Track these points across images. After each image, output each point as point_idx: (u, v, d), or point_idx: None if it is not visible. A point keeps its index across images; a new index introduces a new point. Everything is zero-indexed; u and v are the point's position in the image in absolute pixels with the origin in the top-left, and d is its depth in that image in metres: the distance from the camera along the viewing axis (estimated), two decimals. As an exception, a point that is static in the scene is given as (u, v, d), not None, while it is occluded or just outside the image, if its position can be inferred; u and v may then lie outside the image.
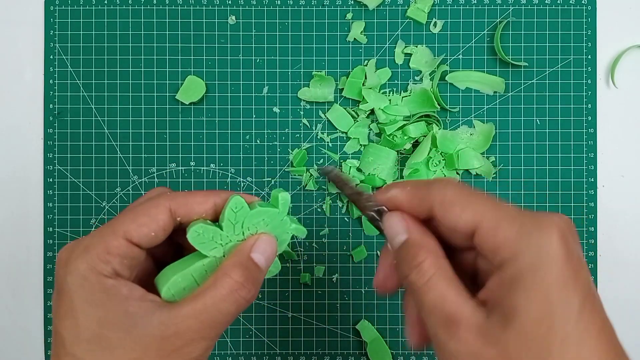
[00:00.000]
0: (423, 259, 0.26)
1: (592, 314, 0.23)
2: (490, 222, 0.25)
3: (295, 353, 0.50)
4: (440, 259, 0.26)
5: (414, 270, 0.26)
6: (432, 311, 0.25)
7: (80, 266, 0.27)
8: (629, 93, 0.51)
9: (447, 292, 0.25)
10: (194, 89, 0.50)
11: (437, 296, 0.25)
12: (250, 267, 0.29)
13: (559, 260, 0.23)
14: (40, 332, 0.51)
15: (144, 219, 0.28)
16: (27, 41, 0.51)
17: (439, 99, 0.50)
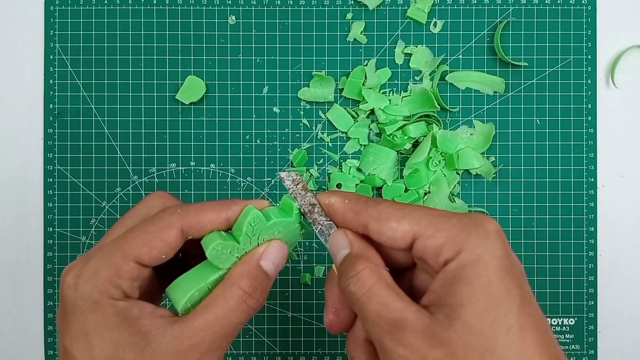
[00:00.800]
0: (362, 268, 0.26)
1: (531, 307, 0.24)
2: (428, 227, 0.25)
3: (295, 353, 0.50)
4: (380, 268, 0.27)
5: (353, 280, 0.26)
6: (375, 320, 0.25)
7: (91, 291, 0.26)
8: (629, 93, 0.51)
9: (389, 299, 0.25)
10: (194, 89, 0.50)
11: (379, 304, 0.25)
12: (258, 275, 0.28)
13: (498, 253, 0.24)
14: (40, 332, 0.51)
15: (156, 242, 0.27)
16: (27, 41, 0.51)
17: (439, 99, 0.50)
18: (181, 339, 0.26)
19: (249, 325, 0.50)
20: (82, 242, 0.51)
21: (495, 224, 0.25)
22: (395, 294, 0.26)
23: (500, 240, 0.25)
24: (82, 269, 0.27)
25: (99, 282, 0.26)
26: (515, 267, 0.25)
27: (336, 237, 0.28)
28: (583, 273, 0.50)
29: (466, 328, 0.23)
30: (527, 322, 0.24)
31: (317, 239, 0.51)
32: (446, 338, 0.23)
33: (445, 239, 0.25)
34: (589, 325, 0.50)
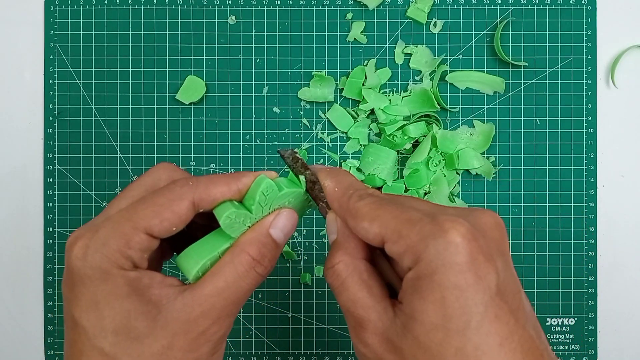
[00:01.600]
0: (338, 261, 0.27)
1: (496, 322, 0.22)
2: (394, 232, 0.25)
3: (295, 353, 0.50)
4: (356, 261, 0.27)
5: (329, 272, 0.27)
6: (345, 312, 0.27)
7: (100, 261, 0.26)
8: (629, 93, 0.51)
9: (358, 295, 0.26)
10: (194, 89, 0.50)
11: (349, 299, 0.26)
12: (267, 243, 0.28)
13: (457, 266, 0.23)
14: (40, 332, 0.51)
15: (167, 214, 0.27)
16: (27, 41, 0.51)
17: (439, 99, 0.50)
18: (192, 306, 0.26)
19: (249, 325, 0.50)
20: (82, 242, 0.51)
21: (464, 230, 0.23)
22: (365, 290, 0.26)
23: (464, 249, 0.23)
24: (90, 239, 0.26)
25: (108, 253, 0.26)
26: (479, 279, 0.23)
27: (329, 219, 0.29)
28: (583, 273, 0.50)
29: (416, 342, 0.23)
30: (485, 340, 0.22)
31: (317, 239, 0.51)
32: (399, 346, 0.24)
33: (406, 247, 0.24)
34: (589, 325, 0.50)
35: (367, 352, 0.25)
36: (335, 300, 0.50)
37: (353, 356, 0.50)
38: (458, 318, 0.22)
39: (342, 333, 0.50)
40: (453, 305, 0.22)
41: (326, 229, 0.29)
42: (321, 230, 0.51)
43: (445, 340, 0.22)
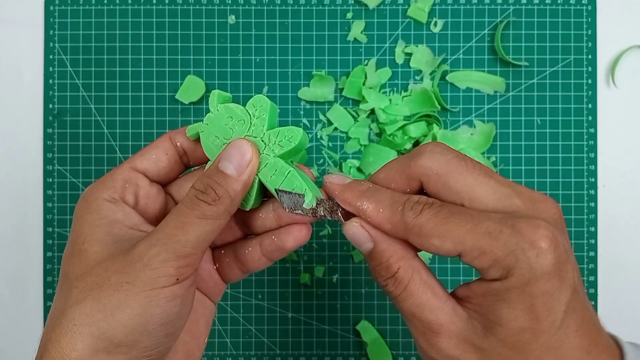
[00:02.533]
0: (397, 267, 0.26)
1: (574, 312, 0.24)
2: (473, 249, 0.24)
3: (295, 354, 0.50)
4: (413, 261, 0.26)
5: (390, 282, 0.26)
6: (411, 319, 0.26)
7: (87, 192, 0.29)
8: (629, 93, 0.51)
9: (423, 298, 0.25)
10: (193, 89, 0.50)
11: (415, 305, 0.25)
12: (213, 174, 0.27)
13: (546, 275, 0.23)
14: (40, 332, 0.51)
15: (147, 149, 0.30)
16: (27, 41, 0.51)
17: (439, 98, 0.50)
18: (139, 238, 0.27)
19: (249, 326, 0.50)
20: (81, 242, 0.51)
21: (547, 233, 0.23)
22: (429, 292, 0.25)
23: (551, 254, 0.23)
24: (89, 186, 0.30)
25: (96, 185, 0.29)
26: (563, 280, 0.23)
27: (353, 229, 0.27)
28: (583, 273, 0.50)
29: (500, 343, 0.24)
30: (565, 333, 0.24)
31: (317, 239, 0.51)
32: (480, 347, 0.24)
33: (492, 262, 0.24)
34: (589, 325, 0.50)
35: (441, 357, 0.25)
36: (335, 300, 0.50)
37: (353, 357, 0.50)
38: (545, 320, 0.23)
39: (342, 333, 0.50)
40: (541, 309, 0.23)
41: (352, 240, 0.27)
42: (321, 230, 0.50)
43: (533, 339, 0.23)
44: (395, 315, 0.50)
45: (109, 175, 0.30)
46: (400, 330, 0.50)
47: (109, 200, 0.28)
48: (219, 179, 0.27)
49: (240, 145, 0.28)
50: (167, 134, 0.31)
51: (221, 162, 0.27)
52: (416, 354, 0.50)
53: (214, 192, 0.27)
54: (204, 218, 0.26)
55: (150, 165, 0.30)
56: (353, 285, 0.50)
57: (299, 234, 0.30)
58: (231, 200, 0.27)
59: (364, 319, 0.50)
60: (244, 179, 0.27)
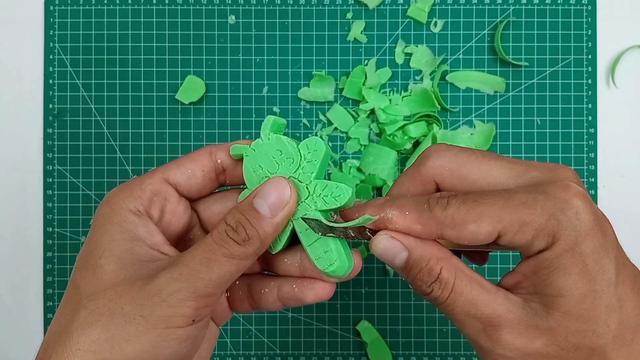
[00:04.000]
0: (439, 269, 0.25)
1: (625, 269, 0.24)
2: (513, 223, 0.23)
3: (295, 353, 0.50)
4: (452, 260, 0.26)
5: (435, 286, 0.25)
6: (466, 320, 0.25)
7: (112, 197, 0.27)
8: (629, 93, 0.51)
9: (475, 296, 0.24)
10: (193, 89, 0.50)
11: (467, 303, 0.24)
12: (245, 210, 0.26)
13: (590, 231, 0.23)
14: (40, 332, 0.51)
15: (183, 160, 0.28)
16: (27, 41, 0.51)
17: (439, 98, 0.50)
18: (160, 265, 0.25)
19: (249, 326, 0.50)
20: (81, 242, 0.51)
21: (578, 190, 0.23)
22: (478, 287, 0.25)
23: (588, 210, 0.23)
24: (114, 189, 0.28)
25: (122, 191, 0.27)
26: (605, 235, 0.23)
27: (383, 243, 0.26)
28: (583, 273, 0.50)
29: (565, 316, 0.23)
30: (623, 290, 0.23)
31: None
32: (546, 327, 0.23)
33: (535, 231, 0.23)
34: (590, 325, 0.50)
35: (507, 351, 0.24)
36: (335, 300, 0.50)
37: (353, 357, 0.50)
38: (601, 278, 0.23)
39: (342, 334, 0.50)
40: (595, 268, 0.23)
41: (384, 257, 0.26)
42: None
43: (595, 303, 0.23)
44: (395, 315, 0.50)
45: (137, 181, 0.27)
46: (400, 330, 0.50)
47: (134, 212, 0.27)
48: (251, 218, 0.25)
49: (280, 185, 0.26)
50: (207, 148, 0.29)
51: (256, 199, 0.26)
52: (416, 353, 0.50)
53: (245, 231, 0.25)
54: (230, 257, 0.25)
55: (183, 180, 0.28)
56: (353, 285, 0.50)
57: (322, 292, 0.28)
58: (261, 242, 0.26)
59: (364, 319, 0.50)
60: (276, 221, 0.26)
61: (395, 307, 0.50)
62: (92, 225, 0.27)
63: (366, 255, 0.50)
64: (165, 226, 0.28)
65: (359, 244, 0.50)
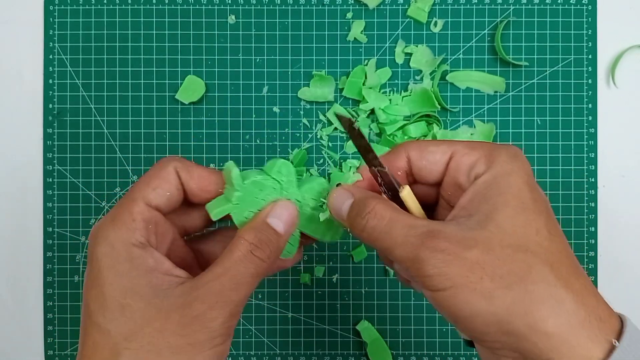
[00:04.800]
0: (375, 203, 0.27)
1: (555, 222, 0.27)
2: (464, 147, 0.28)
3: (295, 353, 0.50)
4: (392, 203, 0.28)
5: (371, 215, 0.27)
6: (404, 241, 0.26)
7: (109, 235, 0.27)
8: (629, 93, 0.51)
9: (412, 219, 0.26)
10: (193, 89, 0.50)
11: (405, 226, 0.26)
12: (264, 229, 0.29)
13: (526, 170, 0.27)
14: (40, 332, 0.51)
15: (156, 181, 0.29)
16: (27, 41, 0.51)
17: (439, 98, 0.50)
18: (189, 291, 0.27)
19: (248, 326, 0.50)
20: (81, 242, 0.51)
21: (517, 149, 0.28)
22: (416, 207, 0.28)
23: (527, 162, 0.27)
24: (103, 219, 0.28)
25: (115, 226, 0.27)
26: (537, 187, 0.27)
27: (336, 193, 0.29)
28: (583, 273, 0.50)
29: (499, 228, 0.25)
30: (554, 228, 0.26)
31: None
32: (481, 237, 0.25)
33: (479, 155, 0.27)
34: (589, 325, 0.50)
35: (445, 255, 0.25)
36: (335, 300, 0.50)
37: (353, 356, 0.50)
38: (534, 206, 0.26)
39: (342, 333, 0.50)
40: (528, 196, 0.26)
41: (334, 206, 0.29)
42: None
43: (527, 223, 0.25)
44: (395, 315, 0.50)
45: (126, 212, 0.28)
46: (400, 330, 0.50)
47: (138, 246, 0.27)
48: (271, 235, 0.28)
49: (288, 206, 0.30)
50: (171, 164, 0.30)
51: (271, 219, 0.29)
52: (416, 353, 0.50)
53: (268, 247, 0.28)
54: (256, 276, 0.28)
55: (164, 202, 0.29)
56: (353, 285, 0.51)
57: None
58: (276, 257, 0.29)
59: (364, 319, 0.50)
60: (286, 238, 0.30)
61: (395, 307, 0.50)
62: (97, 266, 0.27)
63: (366, 255, 0.50)
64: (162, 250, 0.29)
65: (359, 244, 0.50)
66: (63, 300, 0.50)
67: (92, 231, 0.28)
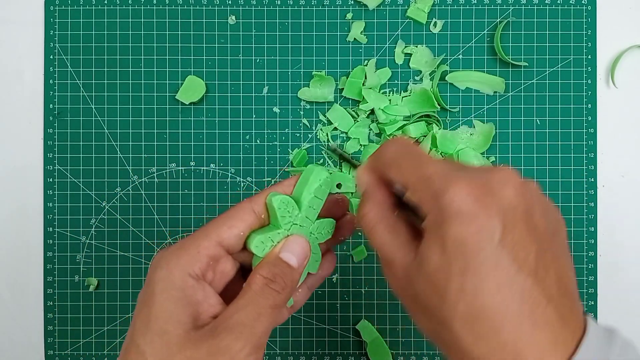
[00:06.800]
0: (368, 210, 0.29)
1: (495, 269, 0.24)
2: (413, 185, 0.27)
3: (295, 353, 0.50)
4: (384, 210, 0.29)
5: (363, 219, 0.29)
6: (377, 252, 0.29)
7: (170, 261, 0.29)
8: (629, 93, 0.51)
9: (385, 239, 0.28)
10: (194, 89, 0.50)
11: (378, 242, 0.29)
12: (278, 264, 0.30)
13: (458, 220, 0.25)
14: (40, 332, 0.51)
15: (232, 221, 0.30)
16: (27, 41, 0.51)
17: (439, 99, 0.50)
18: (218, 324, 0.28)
19: (249, 325, 0.50)
20: (82, 242, 0.51)
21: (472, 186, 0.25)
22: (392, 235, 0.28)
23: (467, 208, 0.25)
24: (170, 247, 0.30)
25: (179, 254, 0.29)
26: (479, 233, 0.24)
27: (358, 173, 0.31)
28: (583, 273, 0.50)
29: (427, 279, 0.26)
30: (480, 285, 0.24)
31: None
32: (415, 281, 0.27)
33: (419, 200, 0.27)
34: (589, 325, 0.50)
35: (394, 284, 0.28)
36: (335, 300, 0.50)
37: (353, 356, 0.50)
38: (458, 262, 0.25)
39: (342, 333, 0.50)
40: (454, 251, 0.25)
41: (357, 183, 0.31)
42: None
43: (449, 279, 0.25)
44: (395, 314, 0.50)
45: (193, 244, 0.30)
46: (400, 330, 0.50)
47: (193, 277, 0.29)
48: (284, 268, 0.30)
49: (301, 241, 0.31)
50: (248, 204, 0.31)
51: (284, 254, 0.30)
52: (416, 353, 0.50)
53: (282, 280, 0.30)
54: (275, 308, 0.29)
55: (235, 240, 0.31)
56: (353, 285, 0.51)
57: None
58: (292, 289, 0.30)
59: (363, 319, 0.50)
60: (301, 270, 0.31)
61: (395, 307, 0.50)
62: (151, 288, 0.29)
63: (366, 255, 0.50)
64: (216, 285, 0.31)
65: (359, 244, 0.50)
66: (63, 300, 0.50)
67: (156, 255, 0.30)
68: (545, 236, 0.26)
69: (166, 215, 0.51)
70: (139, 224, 0.51)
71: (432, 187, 0.26)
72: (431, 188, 0.26)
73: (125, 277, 0.51)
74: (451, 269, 0.25)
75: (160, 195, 0.51)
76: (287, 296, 0.30)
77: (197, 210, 0.51)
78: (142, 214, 0.51)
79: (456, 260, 0.25)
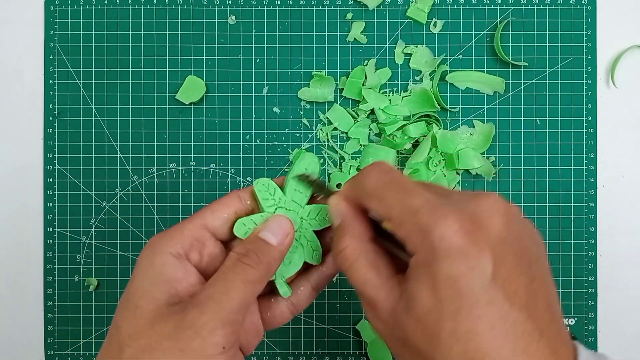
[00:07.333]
0: (346, 245, 0.28)
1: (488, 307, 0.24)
2: (397, 219, 0.26)
3: (295, 353, 0.50)
4: (363, 244, 0.28)
5: (339, 255, 0.28)
6: (357, 291, 0.28)
7: (154, 243, 0.30)
8: (629, 93, 0.51)
9: (367, 276, 0.27)
10: (194, 89, 0.50)
11: (358, 280, 0.28)
12: (255, 242, 0.30)
13: (449, 257, 0.24)
14: (40, 332, 0.51)
15: (217, 205, 0.31)
16: (27, 41, 0.51)
17: (439, 99, 0.50)
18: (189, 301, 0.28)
19: (249, 325, 0.50)
20: (82, 242, 0.51)
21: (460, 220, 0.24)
22: (373, 272, 0.27)
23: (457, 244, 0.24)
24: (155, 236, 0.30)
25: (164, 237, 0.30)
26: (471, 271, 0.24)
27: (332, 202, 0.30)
28: (583, 273, 0.50)
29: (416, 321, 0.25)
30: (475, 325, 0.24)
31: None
32: (404, 323, 0.25)
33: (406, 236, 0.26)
34: (589, 325, 0.50)
35: (379, 326, 0.27)
36: (335, 300, 0.50)
37: (353, 356, 0.50)
38: (450, 304, 0.24)
39: (342, 333, 0.50)
40: (446, 292, 0.24)
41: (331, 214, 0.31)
42: (321, 230, 0.51)
43: (440, 322, 0.24)
44: (395, 315, 0.50)
45: (178, 228, 0.30)
46: (400, 330, 0.50)
47: (174, 255, 0.29)
48: (260, 245, 0.30)
49: (280, 218, 0.31)
50: (235, 193, 0.32)
51: (262, 232, 0.30)
52: (416, 353, 0.50)
53: (257, 255, 0.29)
54: (247, 282, 0.28)
55: (220, 224, 0.31)
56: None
57: None
58: (270, 266, 0.30)
59: (363, 319, 0.50)
60: (281, 249, 0.30)
61: (395, 307, 0.50)
62: (136, 269, 0.29)
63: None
64: (202, 268, 0.31)
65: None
66: (63, 300, 0.50)
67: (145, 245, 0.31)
68: (532, 262, 0.25)
69: (166, 215, 0.51)
70: (139, 224, 0.51)
71: (419, 222, 0.25)
72: (418, 223, 0.25)
73: (125, 277, 0.51)
74: (443, 311, 0.24)
75: (160, 195, 0.51)
76: (263, 272, 0.29)
77: (197, 210, 0.51)
78: (142, 214, 0.51)
79: (448, 301, 0.24)
